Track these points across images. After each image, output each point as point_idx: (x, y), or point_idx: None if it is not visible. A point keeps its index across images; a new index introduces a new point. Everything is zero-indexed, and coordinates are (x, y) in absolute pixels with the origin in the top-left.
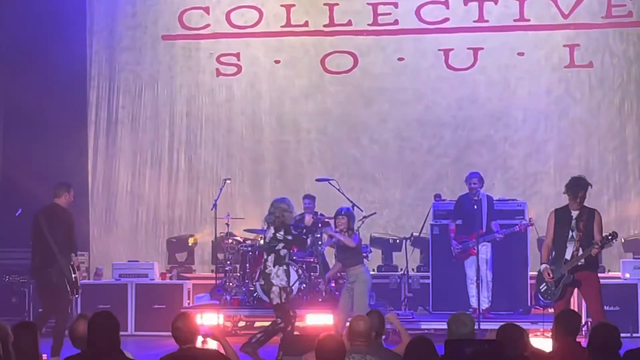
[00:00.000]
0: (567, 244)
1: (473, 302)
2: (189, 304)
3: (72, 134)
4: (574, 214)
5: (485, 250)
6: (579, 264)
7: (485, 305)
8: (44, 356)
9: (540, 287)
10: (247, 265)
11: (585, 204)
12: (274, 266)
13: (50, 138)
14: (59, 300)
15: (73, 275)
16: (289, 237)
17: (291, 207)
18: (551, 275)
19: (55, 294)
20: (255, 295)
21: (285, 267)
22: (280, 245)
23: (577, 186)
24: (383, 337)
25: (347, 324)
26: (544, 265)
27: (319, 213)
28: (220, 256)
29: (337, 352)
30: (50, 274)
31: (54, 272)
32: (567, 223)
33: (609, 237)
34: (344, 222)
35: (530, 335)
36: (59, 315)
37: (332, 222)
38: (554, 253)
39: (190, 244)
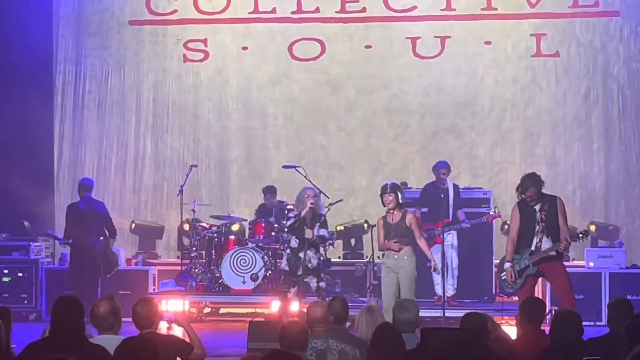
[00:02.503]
0: (533, 236)
1: (438, 289)
2: (154, 289)
3: (38, 119)
4: (537, 206)
5: (450, 238)
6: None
7: (450, 292)
8: (13, 346)
9: (502, 276)
10: (213, 251)
11: (550, 192)
12: None
13: (16, 123)
14: (96, 281)
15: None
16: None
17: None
18: (514, 277)
19: (95, 275)
20: (220, 281)
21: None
22: None
23: (522, 186)
24: (348, 323)
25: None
26: (507, 264)
27: (285, 201)
28: (186, 242)
29: (300, 338)
30: (96, 257)
31: (99, 255)
32: (531, 216)
33: (580, 235)
34: (392, 199)
35: None
36: (92, 295)
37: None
38: (519, 244)
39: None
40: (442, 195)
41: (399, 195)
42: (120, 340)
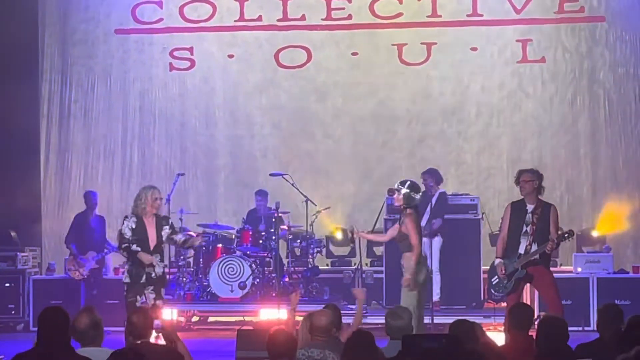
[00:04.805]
0: (520, 238)
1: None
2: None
3: (24, 128)
4: (530, 207)
5: (431, 244)
6: (533, 259)
7: (435, 298)
8: (1, 357)
9: (492, 280)
10: (201, 260)
11: (541, 198)
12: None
13: (1, 132)
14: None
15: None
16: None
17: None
18: (504, 271)
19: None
20: (208, 290)
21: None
22: None
23: (521, 172)
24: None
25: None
26: (498, 260)
27: (272, 208)
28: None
29: (287, 347)
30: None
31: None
32: (521, 217)
33: (565, 235)
34: (400, 199)
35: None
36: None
37: (284, 216)
38: (507, 246)
39: None
40: (428, 204)
41: (411, 194)
42: (104, 352)
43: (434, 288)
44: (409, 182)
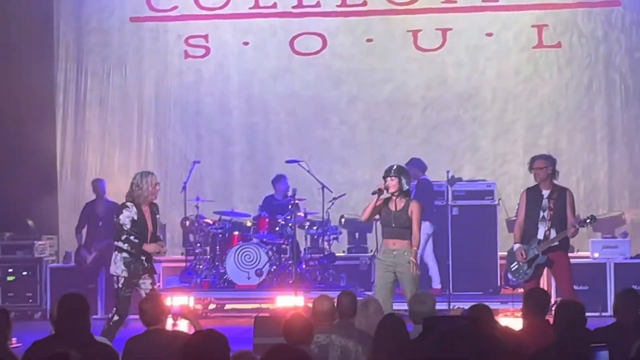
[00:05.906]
0: (538, 224)
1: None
2: (158, 286)
3: (41, 117)
4: (545, 193)
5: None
6: (553, 244)
7: (436, 285)
8: (14, 340)
9: (511, 266)
10: (217, 247)
11: (555, 182)
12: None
13: (18, 122)
14: None
15: None
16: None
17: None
18: (524, 255)
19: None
20: (225, 277)
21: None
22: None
23: (535, 158)
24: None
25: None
26: (517, 245)
27: (289, 194)
28: (190, 238)
29: (304, 332)
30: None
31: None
32: (538, 202)
33: (587, 221)
34: (394, 184)
35: (500, 315)
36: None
37: (300, 203)
38: (525, 232)
39: None
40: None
41: (404, 181)
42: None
43: (433, 275)
44: (399, 167)
